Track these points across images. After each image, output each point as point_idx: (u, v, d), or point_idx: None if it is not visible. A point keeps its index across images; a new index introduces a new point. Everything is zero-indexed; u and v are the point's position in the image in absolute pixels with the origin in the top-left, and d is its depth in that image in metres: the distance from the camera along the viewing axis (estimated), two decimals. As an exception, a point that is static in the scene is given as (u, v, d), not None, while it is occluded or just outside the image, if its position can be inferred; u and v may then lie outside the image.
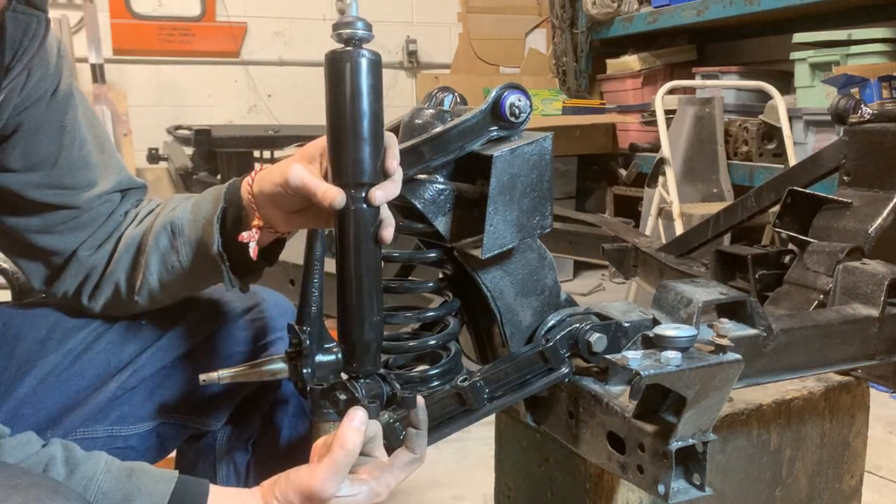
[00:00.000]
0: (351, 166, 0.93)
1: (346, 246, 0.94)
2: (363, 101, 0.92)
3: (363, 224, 0.94)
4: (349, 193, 0.93)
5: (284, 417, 1.30)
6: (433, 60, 5.65)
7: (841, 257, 1.25)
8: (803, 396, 1.22)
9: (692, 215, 3.29)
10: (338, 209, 0.93)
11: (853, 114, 1.44)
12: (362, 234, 0.94)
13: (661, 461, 0.85)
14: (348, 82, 0.92)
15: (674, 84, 3.83)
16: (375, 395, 0.97)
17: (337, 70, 0.93)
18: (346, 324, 0.96)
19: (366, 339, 0.95)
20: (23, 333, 1.19)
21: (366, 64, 0.92)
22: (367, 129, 0.92)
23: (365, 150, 0.93)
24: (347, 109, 0.92)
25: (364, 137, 0.92)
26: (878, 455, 2.34)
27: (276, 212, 1.04)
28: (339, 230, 0.95)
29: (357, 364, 0.96)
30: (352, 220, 0.94)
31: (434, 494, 2.20)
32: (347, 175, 0.93)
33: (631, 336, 0.99)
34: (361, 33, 0.91)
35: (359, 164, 0.93)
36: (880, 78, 3.11)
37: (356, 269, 0.94)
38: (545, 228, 0.96)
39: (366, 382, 0.96)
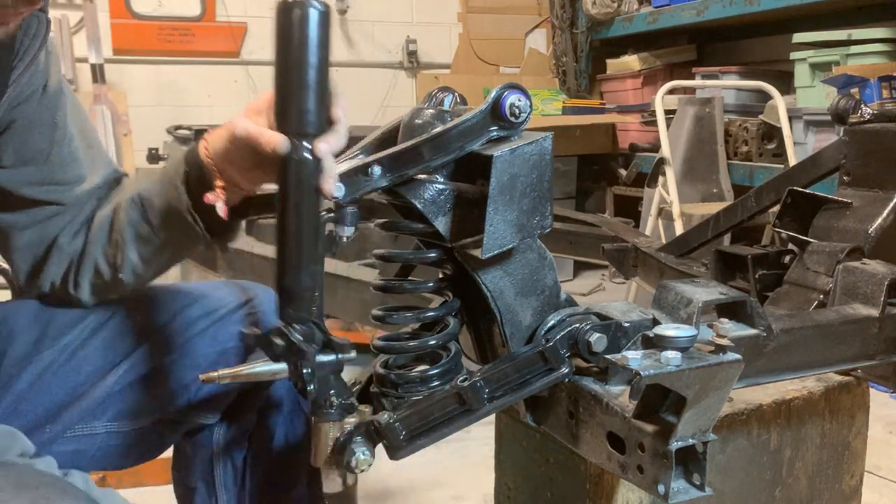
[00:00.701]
0: (295, 116, 0.94)
1: (287, 195, 0.96)
2: (310, 52, 0.93)
3: (305, 173, 0.95)
4: (292, 142, 0.94)
5: (279, 416, 1.30)
6: (433, 60, 5.65)
7: (841, 257, 1.25)
8: (803, 396, 1.22)
9: (692, 215, 3.29)
10: (281, 155, 0.94)
11: (853, 114, 1.44)
12: (304, 183, 0.95)
13: (661, 461, 0.85)
14: (296, 32, 0.93)
15: (674, 84, 3.83)
16: (311, 340, 0.98)
17: (286, 19, 0.93)
18: (285, 271, 0.97)
19: (302, 286, 0.97)
20: (17, 330, 1.20)
21: (315, 15, 0.93)
22: (313, 80, 0.93)
23: (310, 100, 0.94)
24: (294, 59, 0.93)
25: (309, 87, 0.93)
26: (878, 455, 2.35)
27: (234, 169, 1.07)
28: (281, 179, 0.96)
29: (293, 310, 0.98)
30: (294, 170, 0.95)
31: (434, 494, 2.20)
32: (291, 124, 0.94)
33: (631, 336, 0.99)
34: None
35: (303, 114, 0.94)
36: (880, 78, 3.11)
37: (296, 218, 0.96)
38: (545, 228, 0.95)
39: (301, 328, 0.98)
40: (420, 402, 0.97)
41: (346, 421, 0.98)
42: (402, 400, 0.99)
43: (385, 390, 1.01)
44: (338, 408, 0.97)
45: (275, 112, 0.97)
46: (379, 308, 1.04)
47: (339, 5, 5.40)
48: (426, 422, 0.97)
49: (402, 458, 0.99)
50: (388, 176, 0.93)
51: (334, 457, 0.98)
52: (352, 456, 0.97)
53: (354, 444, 0.97)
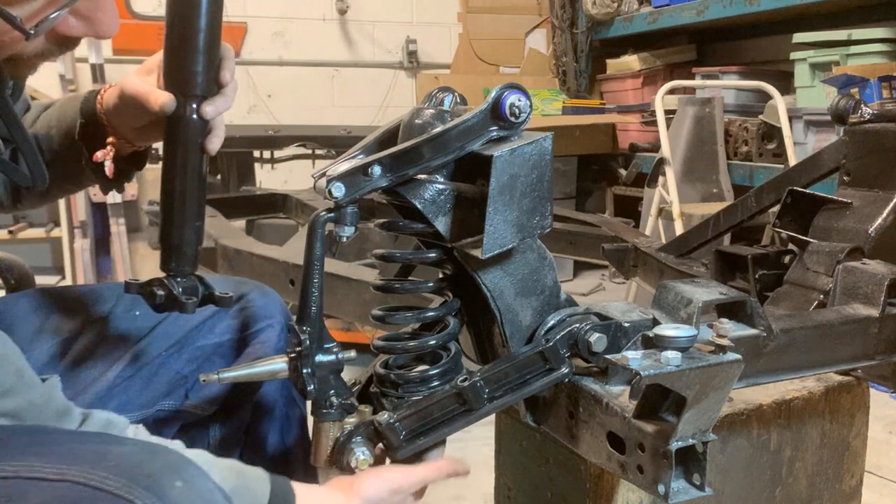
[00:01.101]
0: (183, 77, 0.97)
1: (174, 153, 1.00)
2: (201, 16, 0.96)
3: (191, 134, 0.99)
4: (179, 102, 0.97)
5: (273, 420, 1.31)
6: (433, 60, 5.65)
7: (841, 257, 1.25)
8: (803, 396, 1.22)
9: (692, 215, 3.29)
10: (167, 114, 0.98)
11: (853, 114, 1.44)
12: (190, 143, 0.99)
13: (661, 461, 0.85)
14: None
15: (674, 84, 3.83)
16: (191, 293, 1.04)
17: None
18: (167, 226, 1.02)
19: (186, 240, 1.02)
20: (16, 322, 1.20)
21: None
22: (202, 43, 0.96)
23: (198, 62, 0.97)
24: (183, 22, 0.96)
25: (198, 50, 0.96)
26: (878, 455, 2.34)
27: (125, 126, 1.10)
28: (167, 137, 1.00)
29: (175, 264, 1.03)
30: (180, 129, 0.99)
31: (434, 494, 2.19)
32: (178, 84, 0.98)
33: (631, 336, 0.99)
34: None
35: (191, 76, 0.97)
36: (880, 78, 3.11)
37: (181, 175, 1.00)
38: (545, 228, 0.95)
39: (183, 281, 1.03)
40: (420, 402, 0.97)
41: (346, 421, 0.98)
42: (402, 400, 0.99)
43: (385, 390, 1.01)
44: (338, 408, 0.97)
45: (163, 72, 0.99)
46: (379, 308, 1.05)
47: (339, 5, 5.40)
48: (426, 422, 0.97)
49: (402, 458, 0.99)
50: (388, 176, 0.93)
51: (334, 457, 0.98)
52: (352, 456, 0.97)
53: (354, 444, 0.97)
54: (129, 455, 0.78)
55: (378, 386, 1.03)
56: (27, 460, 0.76)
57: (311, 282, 0.96)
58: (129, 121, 1.09)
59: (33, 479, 0.74)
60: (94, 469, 0.74)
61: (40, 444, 0.81)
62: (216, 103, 1.01)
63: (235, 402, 1.29)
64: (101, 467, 0.74)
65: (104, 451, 0.78)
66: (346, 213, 0.93)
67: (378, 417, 0.97)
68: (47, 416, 0.88)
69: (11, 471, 0.75)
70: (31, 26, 0.83)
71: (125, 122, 1.10)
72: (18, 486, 0.74)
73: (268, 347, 1.24)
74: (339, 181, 0.91)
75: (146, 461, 0.77)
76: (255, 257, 1.94)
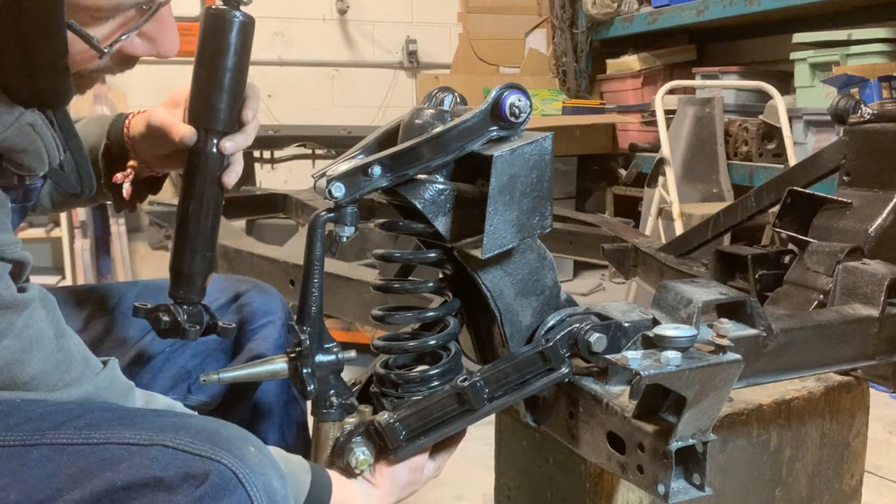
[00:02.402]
0: (206, 112, 1.02)
1: (192, 184, 1.04)
2: (229, 56, 1.01)
3: (210, 167, 1.04)
4: (201, 136, 1.02)
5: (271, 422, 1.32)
6: (433, 60, 5.64)
7: (841, 257, 1.25)
8: (803, 396, 1.22)
9: (692, 215, 3.29)
10: (187, 146, 1.03)
11: (853, 114, 1.44)
12: (208, 175, 1.04)
13: (661, 461, 0.85)
14: (219, 37, 1.01)
15: (674, 84, 3.83)
16: (196, 321, 1.08)
17: (211, 24, 1.02)
18: (179, 254, 1.06)
19: (195, 270, 1.06)
20: None
21: (238, 23, 1.01)
22: (228, 82, 1.01)
23: (222, 99, 1.02)
24: (213, 61, 1.01)
25: (223, 88, 1.01)
26: (878, 455, 2.34)
27: (149, 153, 1.14)
28: (187, 168, 1.05)
29: (183, 291, 1.07)
30: (199, 161, 1.03)
31: (434, 494, 2.20)
32: (201, 119, 1.03)
33: (631, 336, 0.99)
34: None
35: (213, 112, 1.02)
36: (880, 78, 3.11)
37: (197, 206, 1.04)
38: (545, 228, 0.95)
39: (189, 309, 1.07)
40: (420, 402, 0.97)
41: (346, 421, 0.98)
42: (402, 400, 0.99)
43: (385, 390, 1.01)
44: (338, 408, 0.97)
45: (188, 106, 1.05)
46: (379, 308, 1.05)
47: (339, 5, 5.40)
48: (426, 422, 0.97)
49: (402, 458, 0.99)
50: (388, 176, 0.93)
51: (334, 457, 0.98)
52: (352, 456, 0.97)
53: (354, 444, 0.97)
54: (205, 425, 0.86)
55: (378, 386, 1.03)
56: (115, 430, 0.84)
57: (311, 282, 0.96)
58: (153, 149, 1.13)
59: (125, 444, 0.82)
60: (180, 435, 0.83)
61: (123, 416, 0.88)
62: (236, 140, 1.06)
63: (236, 397, 1.30)
64: (186, 433, 0.83)
65: (181, 422, 0.86)
66: (346, 213, 0.93)
67: (378, 417, 0.97)
68: (113, 397, 0.94)
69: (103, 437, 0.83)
70: (105, 45, 0.89)
71: (148, 150, 1.14)
72: (111, 450, 0.82)
73: (269, 343, 1.26)
74: (339, 181, 0.91)
75: (221, 429, 0.85)
76: (255, 257, 1.94)
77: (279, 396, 1.32)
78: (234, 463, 0.81)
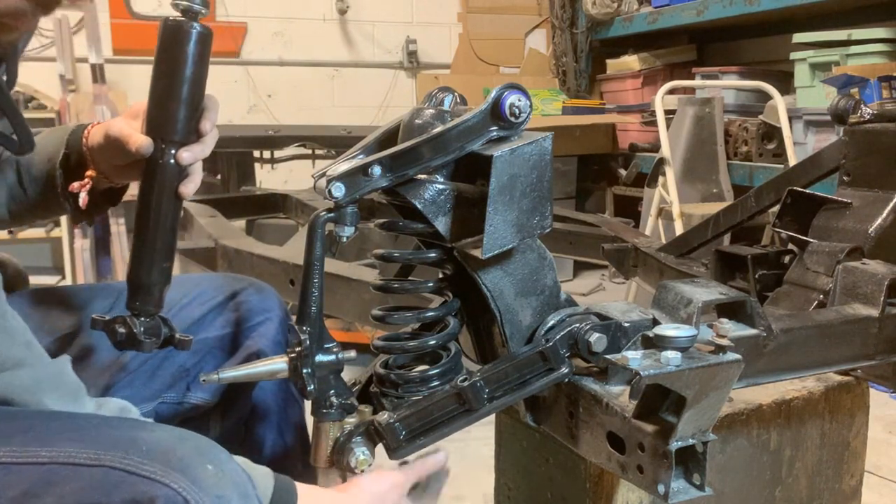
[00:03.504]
0: (163, 123, 1.03)
1: (149, 195, 1.04)
2: (186, 67, 1.01)
3: (167, 177, 1.04)
4: (158, 147, 1.03)
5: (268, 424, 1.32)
6: (433, 60, 5.65)
7: (841, 257, 1.25)
8: (803, 396, 1.22)
9: (692, 215, 3.29)
10: (144, 156, 1.03)
11: (853, 114, 1.44)
12: (165, 186, 1.04)
13: (661, 461, 0.85)
14: (176, 48, 1.01)
15: (674, 84, 3.83)
16: (153, 333, 1.06)
17: (168, 35, 1.03)
18: (137, 265, 1.05)
19: (152, 281, 1.05)
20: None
21: (195, 35, 1.02)
22: (185, 93, 1.01)
23: (180, 111, 1.02)
24: (170, 72, 1.02)
25: (180, 99, 1.01)
26: (878, 455, 2.34)
27: (107, 164, 1.14)
28: (144, 179, 1.05)
29: (140, 303, 1.06)
30: (157, 172, 1.04)
31: (434, 494, 2.19)
32: (158, 130, 1.03)
33: (631, 336, 0.99)
34: (196, 7, 1.01)
35: (171, 123, 1.02)
36: (880, 78, 3.11)
37: (154, 217, 1.04)
38: (545, 228, 0.95)
39: (146, 321, 1.06)
40: (420, 402, 0.97)
41: (346, 421, 0.98)
42: (402, 400, 0.99)
43: (385, 390, 1.01)
44: (338, 408, 0.97)
45: (146, 117, 1.05)
46: (379, 308, 1.05)
47: (339, 5, 5.40)
48: (426, 422, 0.97)
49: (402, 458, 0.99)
50: (388, 176, 0.93)
51: (334, 457, 0.98)
52: (352, 456, 0.97)
53: (354, 444, 0.97)
54: (161, 440, 0.81)
55: (378, 386, 1.03)
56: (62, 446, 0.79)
57: (311, 282, 0.96)
58: (111, 159, 1.13)
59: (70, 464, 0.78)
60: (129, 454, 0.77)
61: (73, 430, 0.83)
62: (193, 150, 1.05)
63: (235, 396, 1.30)
64: (135, 452, 0.78)
65: (136, 436, 0.81)
66: (346, 213, 0.93)
67: (378, 417, 0.97)
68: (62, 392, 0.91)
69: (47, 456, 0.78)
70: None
71: (107, 160, 1.14)
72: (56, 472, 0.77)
73: (266, 340, 1.27)
74: (339, 181, 0.91)
75: (177, 446, 0.80)
76: (255, 257, 1.94)
77: (277, 395, 1.32)
78: (185, 486, 0.76)
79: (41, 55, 4.77)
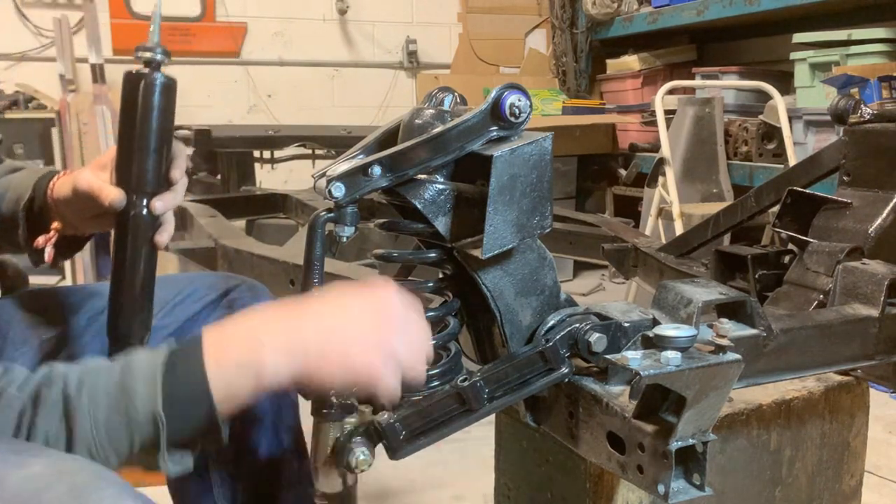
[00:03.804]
0: (133, 175, 1.03)
1: (123, 247, 1.04)
2: (152, 119, 1.02)
3: (141, 229, 1.04)
4: (130, 199, 1.02)
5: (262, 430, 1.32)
6: (433, 60, 5.65)
7: (841, 257, 1.25)
8: (803, 396, 1.22)
9: (692, 215, 3.29)
10: (117, 209, 1.02)
11: (853, 114, 1.44)
12: (139, 237, 1.04)
13: (661, 461, 0.85)
14: (140, 100, 1.01)
15: (674, 84, 3.83)
16: None
17: (131, 87, 1.02)
18: (115, 318, 1.06)
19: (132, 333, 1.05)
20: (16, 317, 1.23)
21: (159, 86, 1.02)
22: (154, 143, 1.02)
23: (148, 162, 1.02)
24: (136, 124, 1.02)
25: (149, 149, 1.02)
26: (878, 455, 2.35)
27: (74, 216, 1.13)
28: (117, 231, 1.04)
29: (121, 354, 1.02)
30: (130, 223, 1.03)
31: (434, 494, 2.20)
32: (129, 182, 1.03)
33: (631, 336, 0.99)
34: (159, 58, 1.02)
35: (141, 174, 1.03)
36: (880, 78, 3.11)
37: (130, 268, 1.04)
38: (545, 228, 0.95)
39: None
40: (420, 402, 0.97)
41: (346, 421, 0.98)
42: (403, 400, 0.99)
43: (385, 390, 1.01)
44: (338, 408, 0.97)
45: (115, 168, 1.04)
46: (379, 308, 1.04)
47: (339, 5, 5.40)
48: (426, 422, 0.97)
49: (402, 458, 0.99)
50: (388, 176, 0.93)
51: (334, 457, 0.98)
52: (352, 456, 0.97)
53: (354, 444, 0.97)
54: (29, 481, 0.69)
55: (378, 386, 1.03)
56: None
57: (311, 282, 0.96)
58: (81, 212, 1.12)
59: None
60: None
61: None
62: (165, 199, 1.05)
63: None
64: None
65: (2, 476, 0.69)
66: (346, 213, 0.93)
67: (378, 417, 0.97)
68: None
69: None
70: None
71: (75, 212, 1.13)
72: None
73: None
74: (339, 181, 0.91)
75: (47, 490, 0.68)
76: (255, 257, 1.94)
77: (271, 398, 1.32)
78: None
79: (41, 55, 4.77)
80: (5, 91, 4.56)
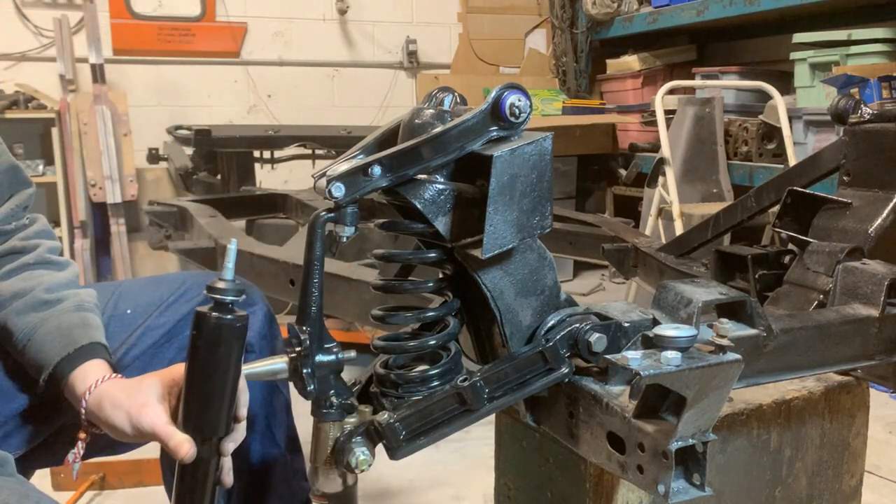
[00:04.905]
0: (208, 423, 0.99)
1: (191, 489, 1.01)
2: (231, 367, 0.98)
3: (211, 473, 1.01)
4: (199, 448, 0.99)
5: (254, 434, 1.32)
6: (433, 60, 5.65)
7: (841, 257, 1.25)
8: (803, 396, 1.22)
9: (692, 215, 3.29)
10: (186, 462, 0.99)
11: (853, 114, 1.44)
12: (208, 481, 1.01)
13: (661, 461, 0.85)
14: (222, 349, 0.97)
15: (674, 84, 3.83)
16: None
17: (212, 334, 0.97)
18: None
19: None
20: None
21: (238, 331, 0.97)
22: (230, 391, 0.98)
23: (224, 409, 0.99)
24: (216, 373, 0.98)
25: (224, 400, 0.99)
26: (878, 455, 2.35)
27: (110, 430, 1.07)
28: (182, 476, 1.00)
29: None
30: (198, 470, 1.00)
31: (434, 494, 2.20)
32: (202, 432, 1.00)
33: (631, 336, 0.99)
34: (230, 298, 0.96)
35: (215, 424, 0.99)
36: (880, 78, 3.11)
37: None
38: (545, 228, 0.95)
39: None
40: (420, 402, 0.97)
41: (346, 421, 0.98)
42: (402, 400, 0.99)
43: (385, 390, 1.01)
44: (338, 408, 0.97)
45: (184, 414, 1.00)
46: (379, 308, 1.04)
47: (339, 5, 5.40)
48: (426, 422, 0.97)
49: (402, 458, 0.99)
50: (388, 176, 0.93)
51: (334, 457, 0.98)
52: (352, 456, 0.97)
53: (354, 444, 0.97)
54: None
55: (378, 386, 1.03)
56: None
57: (311, 282, 0.96)
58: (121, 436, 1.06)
59: None
60: None
61: None
62: (235, 439, 1.02)
63: None
64: None
65: None
66: (346, 213, 0.93)
67: (378, 417, 0.97)
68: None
69: None
70: None
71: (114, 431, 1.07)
72: None
73: (253, 332, 1.29)
74: (339, 181, 0.91)
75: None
76: (255, 257, 1.94)
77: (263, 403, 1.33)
78: None
79: (41, 55, 4.78)
80: (5, 91, 4.56)
